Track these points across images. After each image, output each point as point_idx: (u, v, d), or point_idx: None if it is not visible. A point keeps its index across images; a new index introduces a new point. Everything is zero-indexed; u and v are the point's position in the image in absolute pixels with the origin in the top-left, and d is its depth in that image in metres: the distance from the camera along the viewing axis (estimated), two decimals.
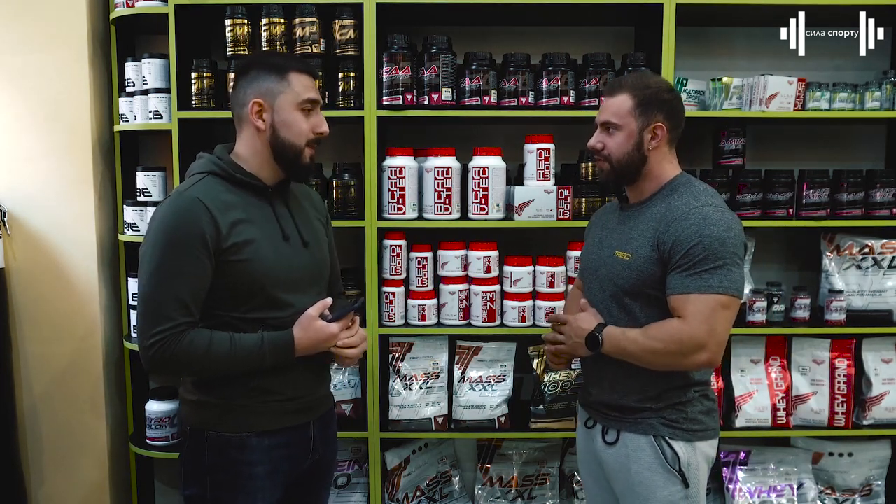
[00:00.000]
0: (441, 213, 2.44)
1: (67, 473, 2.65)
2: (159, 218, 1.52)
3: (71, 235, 2.57)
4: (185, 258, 1.49)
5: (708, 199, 1.67)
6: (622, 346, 1.68)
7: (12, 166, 2.56)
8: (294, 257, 1.63)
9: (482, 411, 2.50)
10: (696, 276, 1.60)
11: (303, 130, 1.61)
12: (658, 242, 1.66)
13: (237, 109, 1.64)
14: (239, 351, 1.53)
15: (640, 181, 1.75)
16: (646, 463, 1.71)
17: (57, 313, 2.60)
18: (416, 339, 2.55)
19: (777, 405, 2.54)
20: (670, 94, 1.73)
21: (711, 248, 1.59)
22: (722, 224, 1.62)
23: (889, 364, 2.58)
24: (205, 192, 1.54)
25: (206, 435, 1.59)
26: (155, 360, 1.50)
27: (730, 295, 1.60)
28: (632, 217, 1.77)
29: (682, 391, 1.71)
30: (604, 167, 1.77)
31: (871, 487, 2.67)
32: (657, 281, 1.67)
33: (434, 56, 2.40)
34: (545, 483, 2.71)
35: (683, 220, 1.63)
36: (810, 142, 2.79)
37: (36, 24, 2.51)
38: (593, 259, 1.84)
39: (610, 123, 1.73)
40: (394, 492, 2.58)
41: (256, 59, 1.67)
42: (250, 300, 1.57)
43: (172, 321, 1.48)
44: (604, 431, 1.80)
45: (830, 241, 2.63)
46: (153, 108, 2.51)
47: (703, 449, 1.73)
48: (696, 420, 1.71)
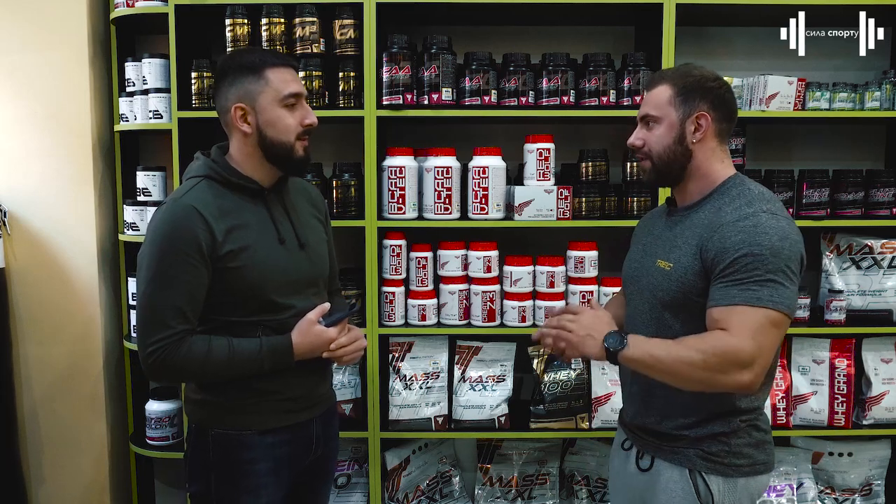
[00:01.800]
0: (441, 213, 2.44)
1: (67, 473, 2.65)
2: (155, 226, 1.53)
3: (71, 235, 2.57)
4: (182, 266, 1.50)
5: (762, 206, 1.47)
6: (649, 351, 1.44)
7: (12, 166, 2.56)
8: (290, 260, 1.63)
9: (482, 411, 2.51)
10: (744, 287, 1.41)
11: (290, 126, 1.59)
12: (702, 251, 1.48)
13: (222, 116, 1.63)
14: (237, 357, 1.55)
15: (686, 181, 1.58)
16: (677, 497, 1.54)
17: (57, 313, 2.60)
18: (416, 338, 2.55)
19: (777, 405, 2.54)
20: (716, 82, 1.56)
21: (762, 258, 1.41)
22: (776, 233, 1.43)
23: (889, 364, 2.58)
24: (200, 198, 1.54)
25: (211, 432, 1.62)
26: (155, 368, 1.52)
27: (781, 311, 1.41)
28: (678, 222, 1.59)
29: (727, 420, 1.52)
30: (645, 166, 1.61)
31: (870, 487, 2.68)
32: (700, 294, 1.49)
33: (434, 56, 2.40)
34: (545, 483, 2.71)
35: (731, 226, 1.45)
36: (810, 142, 2.79)
37: (36, 24, 2.51)
38: (636, 268, 1.68)
39: (649, 116, 1.58)
40: (394, 492, 2.58)
41: (230, 61, 1.62)
42: (248, 304, 1.58)
43: (170, 329, 1.50)
44: (638, 456, 1.64)
45: (830, 241, 2.64)
46: (153, 108, 2.51)
47: (747, 486, 1.53)
48: (741, 454, 1.53)
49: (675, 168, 1.57)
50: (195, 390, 1.66)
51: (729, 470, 1.52)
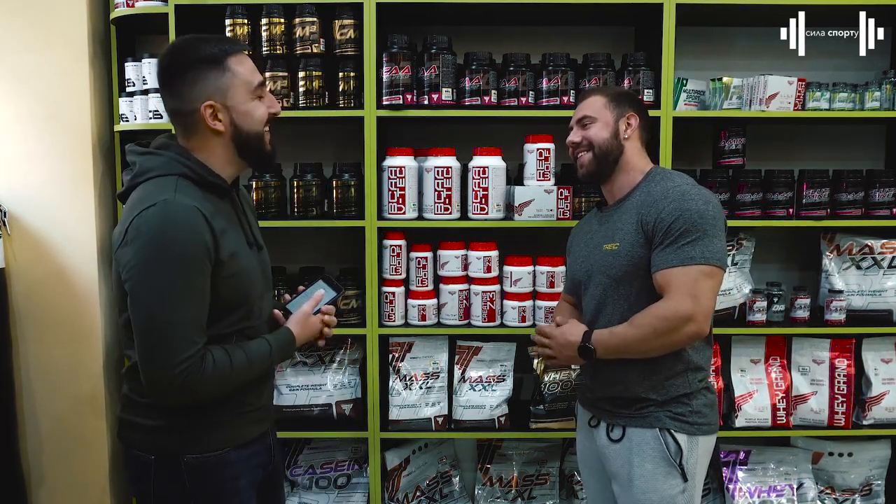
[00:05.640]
0: (441, 213, 2.44)
1: (67, 473, 2.65)
2: (156, 230, 1.35)
3: (71, 235, 2.57)
4: (196, 274, 1.37)
5: (685, 180, 1.75)
6: (613, 345, 1.71)
7: (12, 166, 2.55)
8: (259, 263, 1.56)
9: (482, 411, 2.50)
10: (679, 249, 1.65)
11: (263, 116, 1.49)
12: (642, 224, 1.72)
13: (182, 117, 1.46)
14: (253, 358, 1.47)
15: (617, 174, 1.83)
16: (649, 456, 1.73)
17: (57, 313, 2.59)
18: (416, 339, 2.55)
19: (777, 405, 2.54)
20: (638, 97, 1.86)
21: (691, 220, 1.65)
22: (700, 198, 1.69)
23: (889, 364, 2.58)
24: (194, 198, 1.40)
25: (183, 459, 1.46)
26: (187, 389, 1.36)
27: (711, 265, 1.65)
28: (612, 215, 1.83)
29: (684, 378, 1.74)
30: (585, 159, 1.84)
31: (870, 487, 2.67)
32: (648, 263, 1.71)
33: (434, 56, 2.39)
34: (545, 483, 2.71)
35: (663, 198, 1.70)
36: (810, 142, 2.79)
37: (36, 24, 2.51)
38: (581, 263, 1.89)
39: (587, 118, 1.83)
40: (394, 492, 2.58)
41: (182, 56, 1.45)
42: (233, 313, 1.47)
43: (196, 345, 1.36)
44: (609, 429, 1.82)
45: (830, 241, 2.63)
46: (153, 108, 2.51)
47: (703, 444, 1.75)
48: (700, 413, 1.74)
49: (611, 159, 1.82)
50: (151, 415, 1.46)
51: (692, 428, 1.73)
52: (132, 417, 1.50)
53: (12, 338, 2.57)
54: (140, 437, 1.48)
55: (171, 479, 1.46)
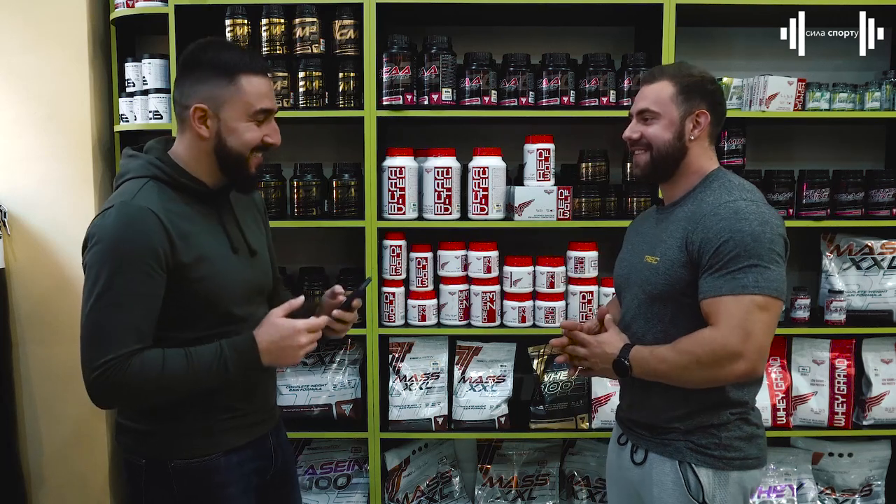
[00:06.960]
0: (441, 214, 2.44)
1: (67, 473, 2.65)
2: (104, 231, 1.34)
3: (71, 235, 2.57)
4: (138, 277, 1.33)
5: (742, 194, 1.52)
6: (652, 366, 1.52)
7: (12, 166, 2.55)
8: (244, 270, 1.51)
9: (482, 411, 2.50)
10: (729, 275, 1.45)
11: (253, 139, 1.44)
12: (687, 242, 1.52)
13: (178, 108, 1.46)
14: (197, 363, 1.37)
15: (677, 177, 1.61)
16: (668, 489, 1.56)
17: (57, 313, 2.59)
18: (416, 339, 2.55)
19: (777, 405, 2.54)
20: (713, 85, 1.60)
21: (743, 244, 1.45)
22: (756, 218, 1.48)
23: (889, 364, 2.58)
24: (153, 200, 1.37)
25: (170, 465, 1.44)
26: (103, 393, 1.34)
27: (766, 295, 1.44)
28: (665, 219, 1.63)
29: (716, 412, 1.54)
30: (641, 160, 1.62)
31: (870, 487, 2.67)
32: (688, 286, 1.52)
33: (434, 56, 2.39)
34: (545, 483, 2.71)
35: (712, 215, 1.50)
36: (810, 142, 2.79)
37: (36, 24, 2.51)
38: (625, 266, 1.72)
39: (648, 112, 1.59)
40: (394, 492, 2.58)
41: (202, 54, 1.44)
42: (203, 320, 1.43)
43: (125, 347, 1.32)
44: (633, 450, 1.67)
45: (830, 242, 2.63)
46: (153, 109, 2.51)
47: (739, 481, 1.54)
48: (731, 447, 1.54)
49: (671, 163, 1.59)
50: (136, 419, 1.46)
51: (719, 463, 1.53)
52: (126, 421, 1.49)
53: (12, 338, 2.58)
54: (132, 441, 1.48)
55: (161, 483, 1.46)
